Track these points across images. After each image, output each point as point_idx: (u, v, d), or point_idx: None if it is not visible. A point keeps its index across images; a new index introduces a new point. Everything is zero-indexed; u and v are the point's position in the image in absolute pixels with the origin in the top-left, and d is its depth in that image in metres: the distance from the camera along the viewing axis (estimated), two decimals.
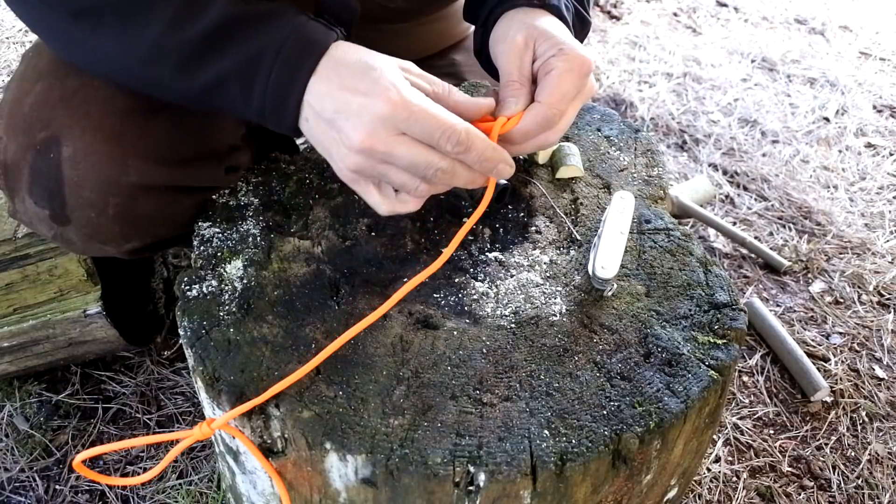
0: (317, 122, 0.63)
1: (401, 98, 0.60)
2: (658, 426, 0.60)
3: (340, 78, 0.61)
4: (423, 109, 0.60)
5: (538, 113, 0.68)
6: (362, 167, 0.63)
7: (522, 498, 0.59)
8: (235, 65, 0.62)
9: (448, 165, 0.62)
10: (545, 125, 0.68)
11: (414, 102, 0.60)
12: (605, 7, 2.49)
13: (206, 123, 0.80)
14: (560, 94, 0.67)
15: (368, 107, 0.60)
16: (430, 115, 0.60)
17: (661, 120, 1.94)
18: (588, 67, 0.68)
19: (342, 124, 0.61)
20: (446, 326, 0.68)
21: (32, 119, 0.72)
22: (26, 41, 2.11)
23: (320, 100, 0.62)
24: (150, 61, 0.64)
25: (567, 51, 0.68)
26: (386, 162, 0.62)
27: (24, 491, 1.06)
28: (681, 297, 0.72)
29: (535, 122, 0.68)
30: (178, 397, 1.18)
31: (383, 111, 0.59)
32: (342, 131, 0.61)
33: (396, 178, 0.64)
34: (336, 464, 0.59)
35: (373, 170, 0.63)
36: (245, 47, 0.62)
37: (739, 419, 1.20)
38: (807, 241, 1.58)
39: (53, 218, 0.75)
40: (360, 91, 0.60)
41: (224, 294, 0.70)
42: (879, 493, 1.12)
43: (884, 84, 2.18)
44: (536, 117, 0.68)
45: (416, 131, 0.60)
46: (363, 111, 0.60)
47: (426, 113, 0.60)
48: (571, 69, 0.67)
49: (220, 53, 0.62)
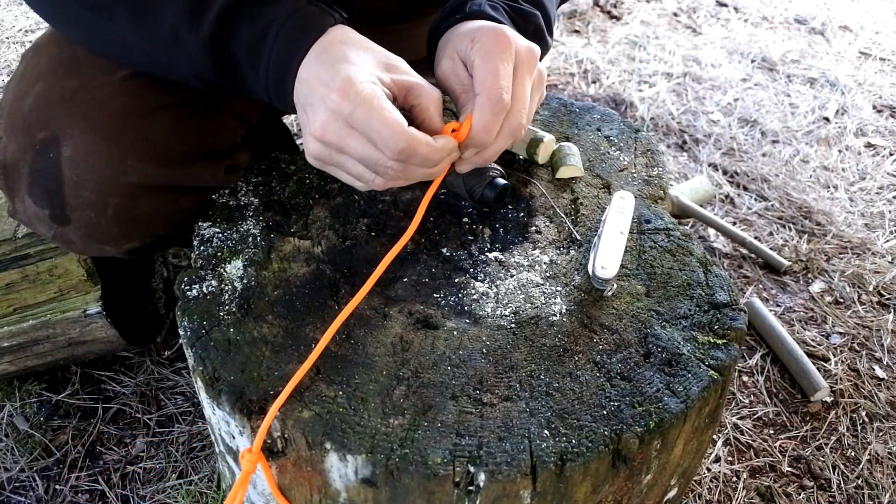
0: (298, 106, 0.65)
1: (349, 95, 0.60)
2: (658, 426, 0.60)
3: (317, 66, 0.63)
4: (370, 107, 0.60)
5: (483, 101, 0.64)
6: (322, 156, 0.64)
7: (522, 498, 0.59)
8: (245, 42, 0.65)
9: (397, 165, 0.62)
10: (497, 109, 0.64)
11: (361, 102, 0.60)
12: (605, 7, 2.49)
13: (205, 123, 0.80)
14: (491, 73, 0.64)
15: (324, 98, 0.61)
16: (373, 116, 0.60)
17: (661, 120, 1.94)
18: (504, 36, 0.65)
19: (308, 112, 0.63)
20: (446, 326, 0.68)
21: (32, 119, 0.72)
22: (26, 41, 2.11)
23: (300, 85, 0.64)
24: (168, 45, 0.66)
25: (478, 36, 0.66)
26: (342, 152, 0.63)
27: (24, 491, 1.06)
28: (681, 297, 0.72)
29: (488, 112, 0.64)
30: (178, 397, 1.18)
31: (332, 104, 0.61)
32: (307, 119, 0.63)
33: (353, 169, 0.64)
34: (336, 464, 0.59)
35: (330, 159, 0.64)
36: (252, 26, 0.64)
37: (739, 419, 1.20)
38: (807, 241, 1.58)
39: (53, 218, 0.75)
40: (322, 81, 0.62)
41: (224, 294, 0.70)
42: (879, 493, 1.11)
43: (884, 84, 2.18)
44: (484, 106, 0.64)
45: (362, 130, 0.61)
46: (320, 102, 0.61)
47: (371, 113, 0.60)
48: (488, 49, 0.65)
49: (231, 33, 0.64)
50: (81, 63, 0.75)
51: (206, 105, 0.80)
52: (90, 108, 0.72)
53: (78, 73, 0.74)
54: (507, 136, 0.68)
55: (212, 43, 0.65)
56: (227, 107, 0.83)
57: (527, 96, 0.68)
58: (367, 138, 0.61)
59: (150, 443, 1.12)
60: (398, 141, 0.60)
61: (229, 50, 0.65)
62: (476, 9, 0.73)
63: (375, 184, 0.65)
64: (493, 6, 0.74)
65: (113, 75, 0.74)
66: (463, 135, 0.66)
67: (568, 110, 0.98)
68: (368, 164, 0.63)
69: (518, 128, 0.67)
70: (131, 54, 0.70)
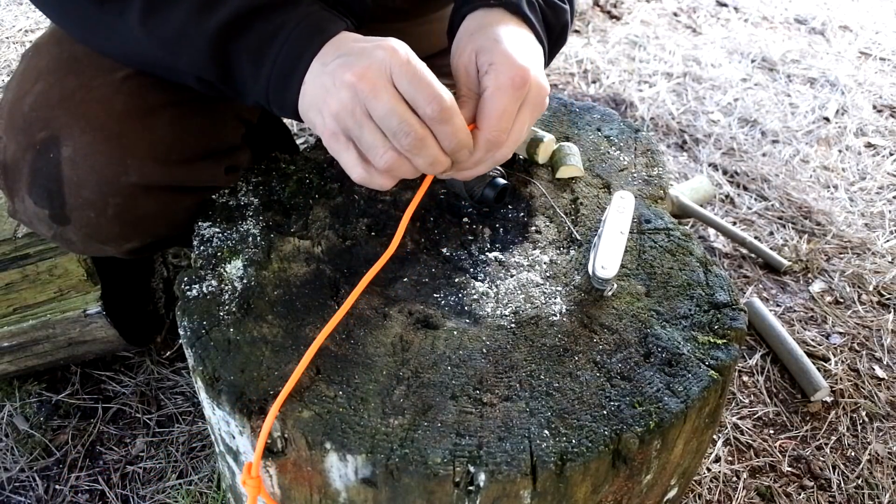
0: (313, 82, 0.64)
1: (402, 52, 0.61)
2: (658, 426, 0.60)
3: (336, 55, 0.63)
4: (419, 67, 0.61)
5: (481, 139, 0.66)
6: (343, 108, 0.61)
7: (522, 498, 0.59)
8: (252, 43, 0.65)
9: (421, 132, 0.61)
10: (491, 147, 0.67)
11: (413, 58, 0.61)
12: (605, 7, 2.49)
13: (205, 123, 0.80)
14: (497, 114, 0.65)
15: (369, 51, 0.62)
16: (423, 75, 0.61)
17: (661, 120, 1.94)
18: (523, 76, 0.66)
19: (337, 68, 0.62)
20: (446, 326, 0.68)
21: (32, 119, 0.72)
22: (26, 41, 2.11)
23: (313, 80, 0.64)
24: (172, 42, 0.66)
25: (497, 66, 0.66)
26: (364, 112, 0.61)
27: (24, 491, 1.06)
28: (681, 297, 0.72)
29: (483, 149, 0.66)
30: (178, 397, 1.18)
31: (382, 55, 0.61)
32: (335, 75, 0.62)
33: (367, 136, 0.62)
34: (336, 464, 0.59)
35: (350, 116, 0.62)
36: (261, 29, 0.65)
37: (739, 419, 1.20)
38: (807, 241, 1.58)
39: (53, 218, 0.75)
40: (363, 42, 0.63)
41: (224, 294, 0.70)
42: (879, 493, 1.11)
43: (884, 84, 2.18)
44: (480, 143, 0.66)
45: (404, 85, 0.61)
46: (363, 54, 0.62)
47: (421, 71, 0.61)
48: (501, 86, 0.66)
49: (239, 35, 0.65)
50: (81, 63, 0.75)
51: (206, 105, 0.80)
52: (90, 107, 0.72)
53: (78, 73, 0.74)
54: (489, 165, 0.69)
55: (216, 41, 0.65)
56: (227, 107, 0.83)
57: (522, 132, 0.69)
58: (407, 97, 0.61)
59: (150, 443, 1.12)
60: (444, 100, 0.61)
61: (233, 51, 0.66)
62: (515, 2, 0.73)
63: (382, 161, 0.63)
64: (530, 3, 0.74)
65: (113, 75, 0.74)
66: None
67: (568, 110, 0.98)
68: (391, 126, 0.61)
69: (502, 159, 0.69)
70: (133, 52, 0.70)
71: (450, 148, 0.64)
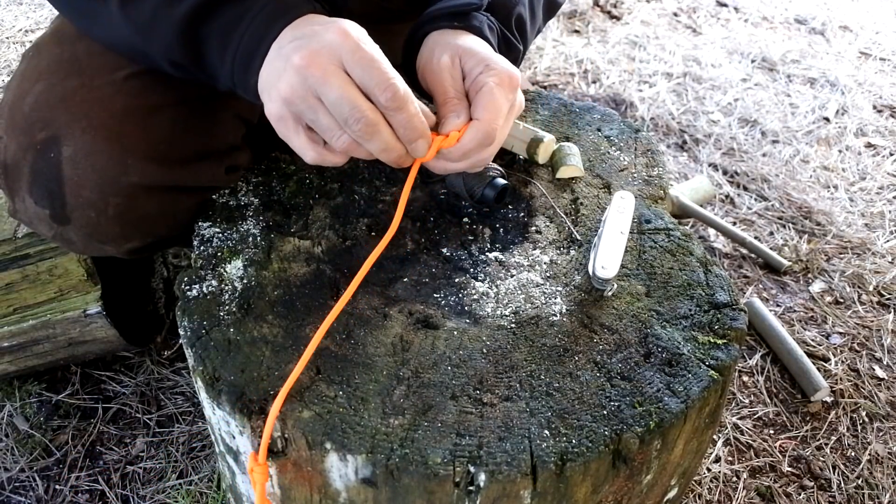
0: (269, 66, 0.64)
1: (354, 35, 0.60)
2: (658, 426, 0.60)
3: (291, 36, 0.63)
4: (371, 53, 0.60)
5: (478, 130, 0.66)
6: (294, 93, 0.61)
7: (522, 498, 0.59)
8: (219, 27, 0.65)
9: (373, 118, 0.61)
10: (485, 141, 0.67)
11: (365, 44, 0.60)
12: (605, 7, 2.49)
13: (206, 123, 0.80)
14: (495, 109, 0.66)
15: (320, 33, 0.61)
16: (375, 60, 0.60)
17: (661, 120, 1.94)
18: (516, 82, 0.68)
19: (290, 52, 0.61)
20: (446, 326, 0.68)
21: (33, 119, 0.72)
22: (26, 41, 2.11)
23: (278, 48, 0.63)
24: (146, 27, 0.67)
25: (493, 66, 0.67)
26: (315, 97, 0.61)
27: (24, 491, 1.06)
28: (681, 297, 0.72)
29: (476, 140, 0.67)
30: (178, 397, 1.18)
31: (333, 39, 0.60)
32: (288, 59, 0.61)
33: (322, 120, 0.62)
34: (336, 464, 0.59)
35: (302, 102, 0.61)
36: (228, 12, 0.65)
37: (739, 419, 1.20)
38: (807, 241, 1.58)
39: (53, 218, 0.75)
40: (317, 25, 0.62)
41: (224, 294, 0.70)
42: (879, 493, 1.12)
43: (884, 84, 2.18)
44: (477, 134, 0.66)
45: (357, 71, 0.60)
46: (314, 37, 0.61)
47: (372, 57, 0.60)
48: (501, 83, 0.67)
49: (208, 18, 0.65)
50: (82, 63, 0.75)
51: (206, 105, 0.80)
52: (91, 107, 0.72)
53: (78, 73, 0.74)
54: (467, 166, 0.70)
55: (186, 25, 0.65)
56: (227, 106, 0.83)
57: (503, 139, 0.72)
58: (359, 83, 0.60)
59: (150, 443, 1.12)
60: (396, 87, 0.60)
61: (200, 34, 0.66)
62: (477, 25, 0.73)
63: (338, 144, 0.63)
64: (490, 28, 0.75)
65: (113, 75, 0.74)
66: (452, 142, 0.67)
67: (568, 110, 0.98)
68: (342, 111, 0.60)
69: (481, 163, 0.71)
70: (117, 38, 0.71)
71: (405, 136, 0.63)
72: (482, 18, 0.74)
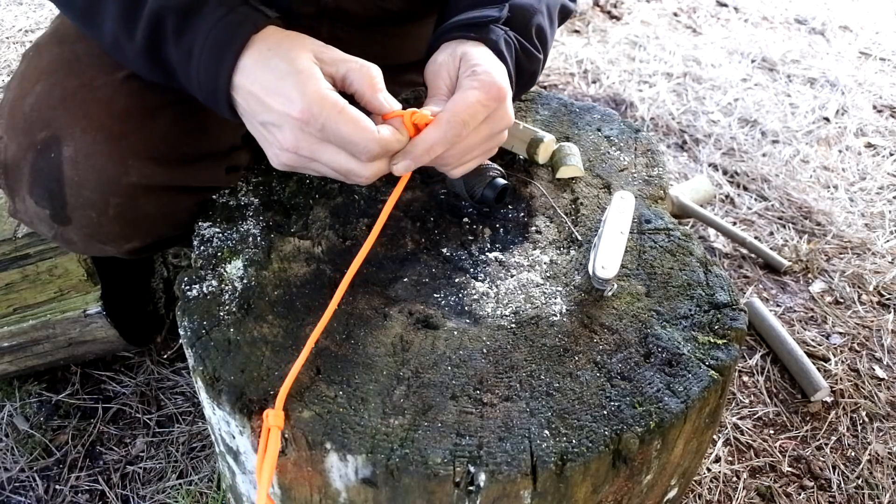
0: (250, 121, 0.66)
1: (313, 112, 0.61)
2: (658, 426, 0.60)
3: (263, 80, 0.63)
4: (335, 125, 0.61)
5: (441, 121, 0.65)
6: (294, 165, 0.66)
7: (522, 498, 0.59)
8: (174, 55, 0.66)
9: (371, 173, 0.65)
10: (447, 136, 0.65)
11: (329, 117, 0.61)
12: (605, 7, 2.49)
13: (206, 123, 0.80)
14: (463, 105, 0.65)
15: (287, 118, 0.62)
16: (340, 130, 0.61)
17: (661, 120, 1.94)
18: (500, 94, 0.67)
19: (272, 129, 0.64)
20: (446, 326, 0.68)
21: (33, 119, 0.72)
22: (26, 41, 2.11)
23: (246, 98, 0.64)
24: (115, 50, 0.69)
25: (479, 73, 0.67)
26: (314, 160, 0.65)
27: (24, 491, 1.06)
28: (681, 297, 0.72)
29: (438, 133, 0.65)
30: (178, 397, 1.18)
31: (298, 123, 0.62)
32: (273, 135, 0.64)
33: (328, 172, 0.66)
34: (336, 464, 0.59)
35: (304, 167, 0.66)
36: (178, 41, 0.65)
37: (739, 419, 1.20)
38: (807, 241, 1.58)
39: (54, 218, 0.75)
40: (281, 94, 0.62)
41: (224, 294, 0.70)
42: (879, 493, 1.12)
43: (884, 84, 2.18)
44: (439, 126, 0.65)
45: (335, 141, 0.62)
46: (284, 122, 0.62)
47: (338, 129, 0.61)
48: (480, 88, 0.66)
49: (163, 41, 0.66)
50: (82, 63, 0.75)
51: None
52: (91, 107, 0.72)
53: (79, 73, 0.74)
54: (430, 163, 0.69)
55: (148, 52, 0.66)
56: None
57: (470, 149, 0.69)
58: (341, 147, 0.63)
59: (150, 443, 1.12)
60: (370, 150, 0.62)
61: (166, 57, 0.67)
62: (493, 39, 0.73)
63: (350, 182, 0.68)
64: (507, 42, 0.74)
65: (114, 75, 0.74)
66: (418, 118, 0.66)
67: (568, 110, 0.98)
68: (341, 171, 0.65)
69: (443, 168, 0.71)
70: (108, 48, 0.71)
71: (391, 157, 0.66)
72: (499, 32, 0.74)
